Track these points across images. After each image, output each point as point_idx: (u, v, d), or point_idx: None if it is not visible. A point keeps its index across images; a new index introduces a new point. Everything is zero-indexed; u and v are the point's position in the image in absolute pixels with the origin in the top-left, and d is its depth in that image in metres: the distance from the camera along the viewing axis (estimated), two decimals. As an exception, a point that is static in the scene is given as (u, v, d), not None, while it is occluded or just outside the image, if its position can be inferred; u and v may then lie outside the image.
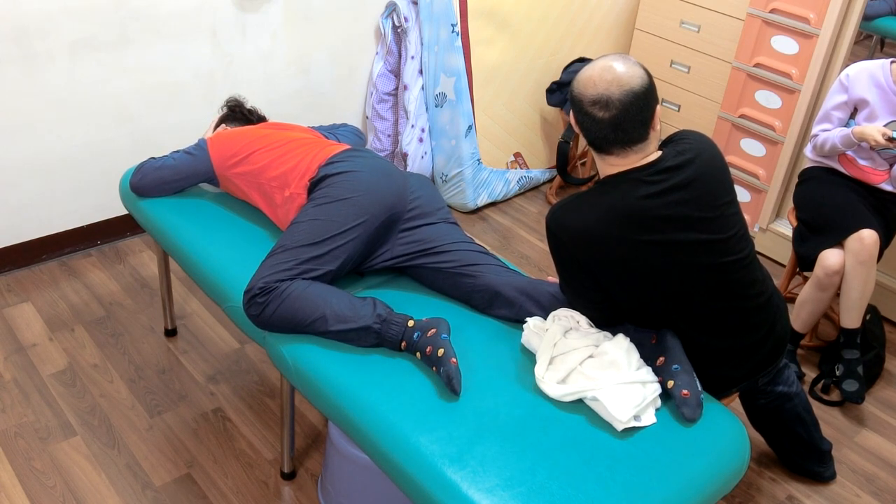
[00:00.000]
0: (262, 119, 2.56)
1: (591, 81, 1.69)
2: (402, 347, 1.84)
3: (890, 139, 2.44)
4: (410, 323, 1.85)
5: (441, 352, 1.76)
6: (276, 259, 1.92)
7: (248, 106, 2.55)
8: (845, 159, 2.66)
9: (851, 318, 2.55)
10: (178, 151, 2.35)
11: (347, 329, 1.84)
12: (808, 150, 2.75)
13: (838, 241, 2.52)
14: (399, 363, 1.84)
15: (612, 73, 1.67)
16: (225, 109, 2.53)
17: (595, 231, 1.71)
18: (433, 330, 1.81)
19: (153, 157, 2.36)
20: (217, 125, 2.50)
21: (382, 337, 1.85)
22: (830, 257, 2.50)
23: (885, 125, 2.54)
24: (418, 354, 1.81)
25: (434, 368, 1.77)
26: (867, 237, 2.45)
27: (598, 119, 1.69)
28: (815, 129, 2.68)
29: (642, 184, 1.72)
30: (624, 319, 1.89)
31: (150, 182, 2.32)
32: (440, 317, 1.88)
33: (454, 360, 1.74)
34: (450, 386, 1.72)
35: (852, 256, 2.47)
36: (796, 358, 2.74)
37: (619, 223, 1.71)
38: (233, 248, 2.17)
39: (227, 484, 2.21)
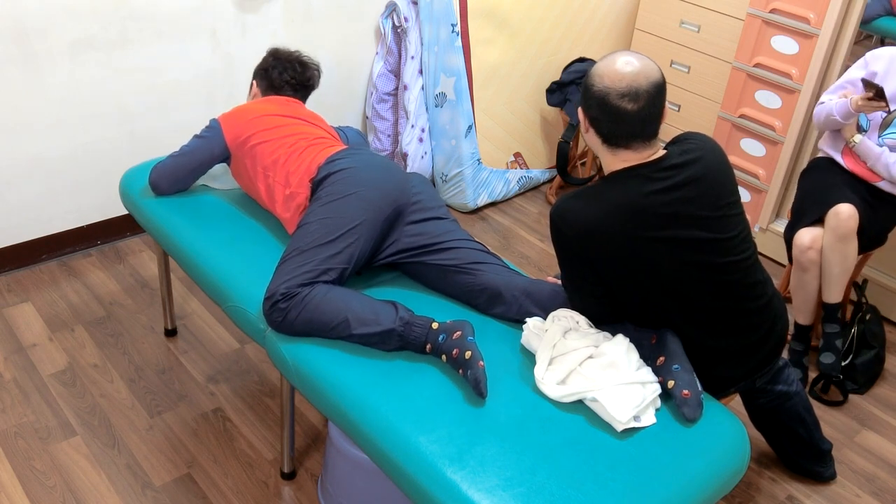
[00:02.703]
0: (296, 86, 2.42)
1: (617, 75, 1.68)
2: (427, 350, 1.83)
3: (867, 84, 2.45)
4: (434, 325, 1.83)
5: (468, 354, 1.74)
6: (293, 262, 1.91)
7: (281, 73, 2.40)
8: (847, 154, 2.68)
9: (831, 292, 2.59)
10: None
11: (370, 332, 1.83)
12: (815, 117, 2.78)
13: (818, 217, 2.56)
14: (399, 363, 1.84)
15: (634, 66, 1.68)
16: (261, 66, 2.43)
17: (599, 226, 1.71)
18: (458, 332, 1.79)
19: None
20: (253, 77, 2.46)
21: (406, 340, 1.83)
22: (801, 235, 2.57)
23: (889, 112, 2.56)
24: (444, 357, 1.79)
25: (460, 371, 1.75)
26: (844, 211, 2.48)
27: (625, 112, 1.69)
28: (823, 97, 2.71)
29: (648, 180, 1.72)
30: (624, 317, 1.89)
31: (168, 175, 2.31)
32: (463, 319, 1.85)
33: (482, 363, 1.72)
34: (477, 389, 1.70)
35: (830, 232, 2.51)
36: (804, 361, 2.73)
37: (623, 219, 1.71)
38: (232, 248, 2.17)
39: (227, 484, 2.21)
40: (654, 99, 1.69)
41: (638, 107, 1.68)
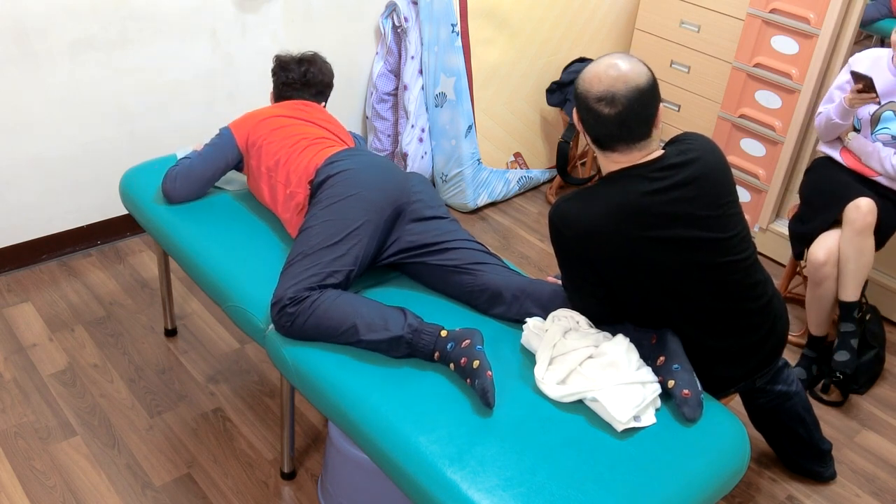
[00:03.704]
0: (297, 85, 2.43)
1: (596, 78, 1.69)
2: (436, 358, 1.81)
3: (856, 77, 2.46)
4: (443, 333, 1.81)
5: (476, 363, 1.72)
6: (299, 266, 1.90)
7: (279, 77, 2.45)
8: (844, 151, 2.69)
9: (847, 290, 2.57)
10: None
11: (379, 339, 1.82)
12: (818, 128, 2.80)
13: (838, 212, 2.56)
14: (399, 364, 1.84)
15: (617, 70, 1.68)
16: (272, 75, 2.47)
17: (598, 226, 1.71)
18: (467, 340, 1.78)
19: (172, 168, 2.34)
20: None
21: (414, 347, 1.82)
22: (816, 251, 2.56)
23: (881, 105, 2.56)
24: (452, 366, 1.78)
25: (468, 380, 1.74)
26: (864, 205, 2.49)
27: (603, 115, 1.69)
28: (819, 108, 2.74)
29: (645, 180, 1.72)
30: (624, 317, 1.89)
31: (184, 182, 2.30)
32: (474, 327, 1.84)
33: (489, 372, 1.71)
34: (484, 399, 1.69)
35: (849, 226, 2.51)
36: (812, 369, 2.73)
37: (622, 219, 1.71)
38: (232, 248, 2.17)
39: (227, 484, 2.21)
40: (633, 104, 1.67)
41: (615, 111, 1.68)
